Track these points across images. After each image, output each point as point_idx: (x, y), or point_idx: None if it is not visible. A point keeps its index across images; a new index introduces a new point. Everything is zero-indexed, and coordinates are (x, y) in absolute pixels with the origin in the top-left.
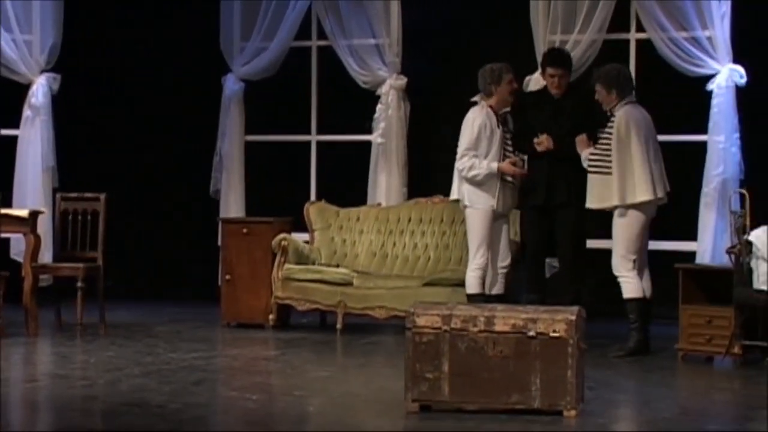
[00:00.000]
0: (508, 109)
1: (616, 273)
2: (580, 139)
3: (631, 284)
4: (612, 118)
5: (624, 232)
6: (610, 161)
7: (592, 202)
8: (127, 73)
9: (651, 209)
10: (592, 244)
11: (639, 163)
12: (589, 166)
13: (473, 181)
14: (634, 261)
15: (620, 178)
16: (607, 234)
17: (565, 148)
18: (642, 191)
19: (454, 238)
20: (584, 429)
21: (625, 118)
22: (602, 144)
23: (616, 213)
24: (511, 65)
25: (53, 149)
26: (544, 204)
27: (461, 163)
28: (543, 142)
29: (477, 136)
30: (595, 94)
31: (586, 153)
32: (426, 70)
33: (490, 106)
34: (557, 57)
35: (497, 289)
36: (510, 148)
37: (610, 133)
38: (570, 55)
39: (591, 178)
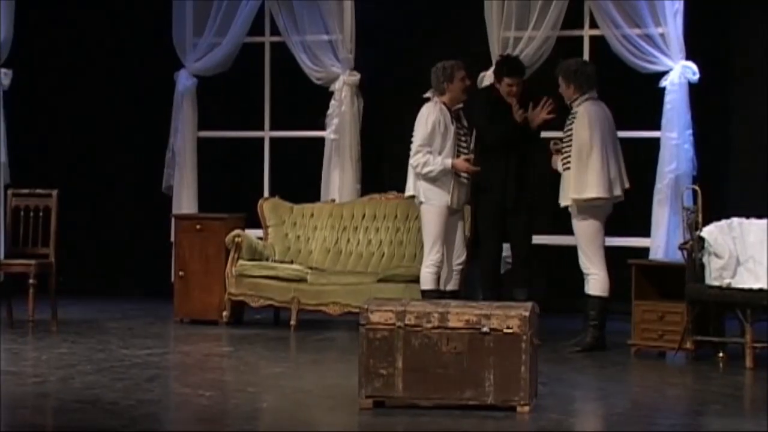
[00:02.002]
0: (461, 105)
1: (584, 270)
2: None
3: (598, 282)
4: (572, 114)
5: (582, 232)
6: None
7: (560, 199)
8: (80, 68)
9: (606, 208)
10: (544, 240)
11: (596, 159)
12: (564, 163)
13: (427, 178)
14: (601, 257)
15: (577, 174)
16: (558, 230)
17: (516, 139)
18: (596, 188)
19: (407, 234)
20: (538, 424)
21: (587, 115)
22: (569, 141)
23: (572, 214)
24: (465, 62)
25: (4, 145)
26: (501, 200)
27: (415, 160)
28: (520, 111)
29: (431, 133)
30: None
31: (557, 160)
32: (379, 66)
33: (444, 103)
34: (515, 67)
35: (452, 285)
36: (464, 145)
37: (571, 129)
38: (510, 59)
39: (562, 176)
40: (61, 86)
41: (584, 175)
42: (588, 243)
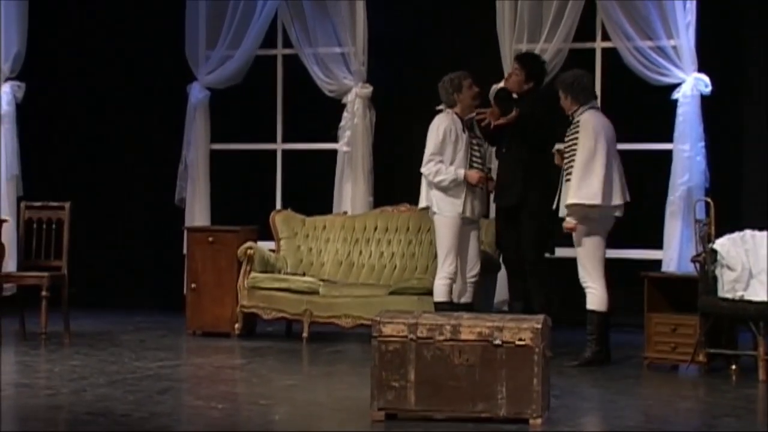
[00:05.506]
0: (473, 114)
1: (583, 284)
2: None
3: (596, 296)
4: (574, 125)
5: (581, 244)
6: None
7: (561, 211)
8: (92, 81)
9: (605, 221)
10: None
11: (600, 166)
12: (566, 175)
13: (440, 187)
14: (600, 271)
15: (580, 180)
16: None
17: (515, 147)
18: (598, 195)
19: (419, 246)
20: None
21: (590, 123)
22: (571, 151)
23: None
24: (477, 74)
25: (17, 158)
26: (505, 208)
27: (427, 168)
28: (491, 113)
29: (442, 141)
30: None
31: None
32: (392, 78)
33: (456, 113)
34: (518, 55)
35: (465, 297)
36: (477, 154)
37: (574, 139)
38: (536, 57)
39: (563, 187)
40: (74, 99)
41: (587, 181)
42: (587, 256)
